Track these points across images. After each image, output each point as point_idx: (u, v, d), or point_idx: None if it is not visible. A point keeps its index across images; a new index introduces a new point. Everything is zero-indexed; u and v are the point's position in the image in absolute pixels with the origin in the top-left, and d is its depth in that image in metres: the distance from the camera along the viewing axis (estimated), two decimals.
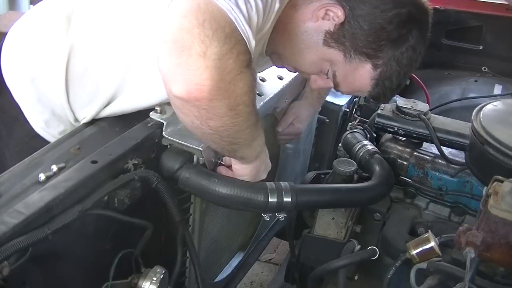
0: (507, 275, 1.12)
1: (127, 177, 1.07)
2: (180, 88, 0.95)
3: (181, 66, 0.93)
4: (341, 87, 1.30)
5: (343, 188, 1.38)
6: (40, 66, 1.29)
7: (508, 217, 1.02)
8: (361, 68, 1.23)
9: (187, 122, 1.05)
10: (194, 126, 1.05)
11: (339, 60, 1.23)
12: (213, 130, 1.04)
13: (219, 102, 0.98)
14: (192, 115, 1.01)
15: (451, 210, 1.54)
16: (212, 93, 0.95)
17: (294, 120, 1.75)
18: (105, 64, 1.24)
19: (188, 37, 0.92)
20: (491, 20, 2.42)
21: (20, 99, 1.32)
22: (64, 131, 1.32)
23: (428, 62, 2.58)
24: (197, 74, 0.93)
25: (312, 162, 2.27)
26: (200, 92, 0.94)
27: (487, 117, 1.33)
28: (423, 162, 1.55)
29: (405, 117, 1.56)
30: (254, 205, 1.19)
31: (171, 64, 0.94)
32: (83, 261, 1.08)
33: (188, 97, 0.96)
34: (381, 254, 1.38)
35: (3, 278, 0.82)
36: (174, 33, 0.94)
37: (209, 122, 1.02)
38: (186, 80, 0.94)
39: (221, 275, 1.74)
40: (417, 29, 1.23)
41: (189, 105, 0.98)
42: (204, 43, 0.92)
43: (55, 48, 1.25)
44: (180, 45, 0.93)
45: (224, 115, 1.01)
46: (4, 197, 0.94)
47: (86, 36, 1.25)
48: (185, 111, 1.01)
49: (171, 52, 0.94)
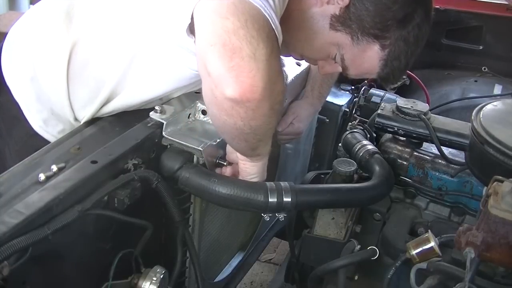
0: (507, 275, 1.12)
1: (127, 177, 1.07)
2: (235, 90, 0.95)
3: (234, 69, 0.94)
4: (349, 70, 1.29)
5: (343, 188, 1.38)
6: (40, 65, 1.29)
7: (508, 217, 1.02)
8: (369, 50, 1.23)
9: (230, 123, 1.05)
10: (235, 127, 1.05)
11: (347, 43, 1.23)
12: (251, 130, 1.06)
13: (265, 102, 1.00)
14: (238, 117, 1.02)
15: (451, 210, 1.54)
16: (262, 94, 0.97)
17: (294, 120, 1.75)
18: (107, 58, 1.25)
19: (236, 39, 0.93)
20: (491, 20, 2.42)
21: (20, 97, 1.32)
22: (63, 130, 1.32)
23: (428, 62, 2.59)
24: (251, 76, 0.94)
25: (312, 162, 2.27)
26: (253, 93, 0.96)
27: (487, 117, 1.33)
28: (423, 162, 1.55)
29: (405, 117, 1.56)
30: (254, 205, 1.19)
31: (224, 68, 0.94)
32: (83, 261, 1.08)
33: (241, 98, 0.96)
34: (381, 254, 1.38)
35: (3, 278, 0.83)
36: (220, 35, 0.93)
37: (251, 123, 1.03)
38: (240, 83, 0.94)
39: (221, 275, 1.74)
40: (422, 7, 1.23)
41: (238, 107, 0.99)
42: (252, 45, 0.93)
43: (56, 45, 1.25)
44: (230, 48, 0.93)
45: (265, 115, 1.03)
46: (4, 197, 0.94)
47: (88, 31, 1.25)
48: (233, 113, 1.01)
49: (222, 56, 0.94)
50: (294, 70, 1.74)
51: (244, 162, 1.23)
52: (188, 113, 1.30)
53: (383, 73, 1.27)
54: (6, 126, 1.39)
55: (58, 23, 1.26)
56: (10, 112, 1.34)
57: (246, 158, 1.21)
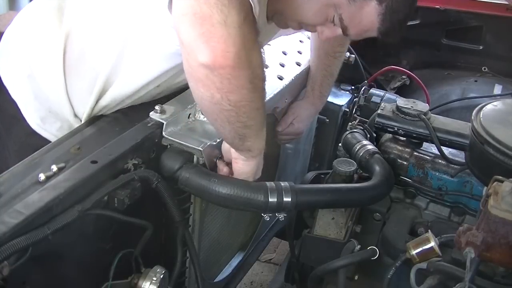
0: (507, 275, 1.12)
1: (127, 177, 1.07)
2: (206, 55, 0.97)
3: (205, 35, 0.96)
4: (349, 30, 1.28)
5: (343, 188, 1.38)
6: (36, 61, 1.30)
7: (508, 217, 1.02)
8: (366, 6, 1.21)
9: (207, 97, 1.05)
10: (213, 102, 1.05)
11: (343, 2, 1.22)
12: (232, 106, 1.05)
13: (240, 71, 1.00)
14: (214, 87, 1.02)
15: (451, 210, 1.54)
16: (235, 60, 0.98)
17: (294, 120, 1.75)
18: (99, 46, 1.25)
19: (206, 7, 0.94)
20: (491, 20, 2.42)
21: (17, 96, 1.33)
22: (60, 128, 1.33)
23: (428, 62, 2.60)
24: (222, 41, 0.95)
25: (312, 162, 2.27)
26: (226, 59, 0.97)
27: (487, 117, 1.33)
28: (423, 162, 1.55)
29: (405, 117, 1.56)
30: (254, 205, 1.19)
31: (194, 34, 0.96)
32: (83, 261, 1.08)
33: (214, 64, 0.97)
34: (381, 254, 1.38)
35: (3, 278, 0.83)
36: (192, 5, 0.95)
37: (229, 96, 1.03)
38: (212, 48, 0.96)
39: (221, 275, 1.74)
40: None
41: (213, 75, 1.00)
42: (223, 12, 0.94)
43: (50, 40, 1.26)
44: (200, 16, 0.95)
45: (243, 87, 1.03)
46: (4, 197, 0.94)
47: (79, 21, 1.26)
48: (208, 83, 1.02)
49: (193, 23, 0.96)
50: (294, 70, 1.74)
51: (237, 160, 1.22)
52: (188, 113, 1.30)
53: (383, 28, 1.25)
54: (4, 126, 1.40)
55: (50, 17, 1.28)
56: (8, 112, 1.35)
57: (239, 156, 1.21)
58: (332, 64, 1.76)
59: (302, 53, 1.85)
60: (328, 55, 1.74)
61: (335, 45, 1.72)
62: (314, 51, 1.77)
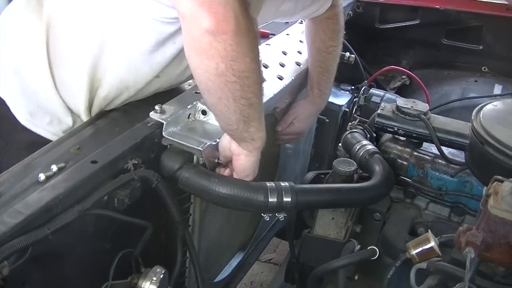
0: (507, 275, 1.12)
1: (127, 177, 1.07)
2: (210, 21, 0.99)
3: (205, 3, 0.99)
4: None
5: (343, 188, 1.38)
6: (21, 56, 1.30)
7: (508, 217, 1.02)
8: None
9: (212, 69, 1.05)
10: (218, 73, 1.05)
11: None
12: (236, 76, 1.06)
13: (242, 38, 1.02)
14: (218, 56, 1.03)
15: (451, 210, 1.54)
16: (236, 25, 1.00)
17: (294, 120, 1.75)
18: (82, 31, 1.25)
19: None
20: (491, 20, 2.42)
21: (4, 94, 1.33)
22: (50, 122, 1.32)
23: (428, 62, 2.60)
24: (221, 7, 0.99)
25: (312, 162, 2.27)
26: (228, 23, 0.99)
27: (487, 117, 1.33)
28: (423, 162, 1.55)
29: (405, 117, 1.56)
30: (254, 205, 1.19)
31: (195, 4, 0.99)
32: (83, 261, 1.08)
33: (217, 29, 0.99)
34: (381, 254, 1.38)
35: (3, 278, 0.83)
36: None
37: (233, 65, 1.04)
38: (214, 13, 0.99)
39: (221, 275, 1.74)
40: None
41: (216, 42, 1.01)
42: None
43: (32, 32, 1.26)
44: None
45: (246, 55, 1.05)
46: (4, 197, 0.94)
47: (60, 11, 1.26)
48: (212, 52, 1.03)
49: None
50: (294, 70, 1.74)
51: (239, 155, 1.21)
52: (188, 113, 1.30)
53: None
54: None
55: (30, 10, 1.28)
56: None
57: (241, 150, 1.20)
58: (326, 60, 1.75)
59: (302, 53, 1.85)
60: (321, 51, 1.73)
61: (326, 40, 1.71)
62: (308, 49, 1.77)
